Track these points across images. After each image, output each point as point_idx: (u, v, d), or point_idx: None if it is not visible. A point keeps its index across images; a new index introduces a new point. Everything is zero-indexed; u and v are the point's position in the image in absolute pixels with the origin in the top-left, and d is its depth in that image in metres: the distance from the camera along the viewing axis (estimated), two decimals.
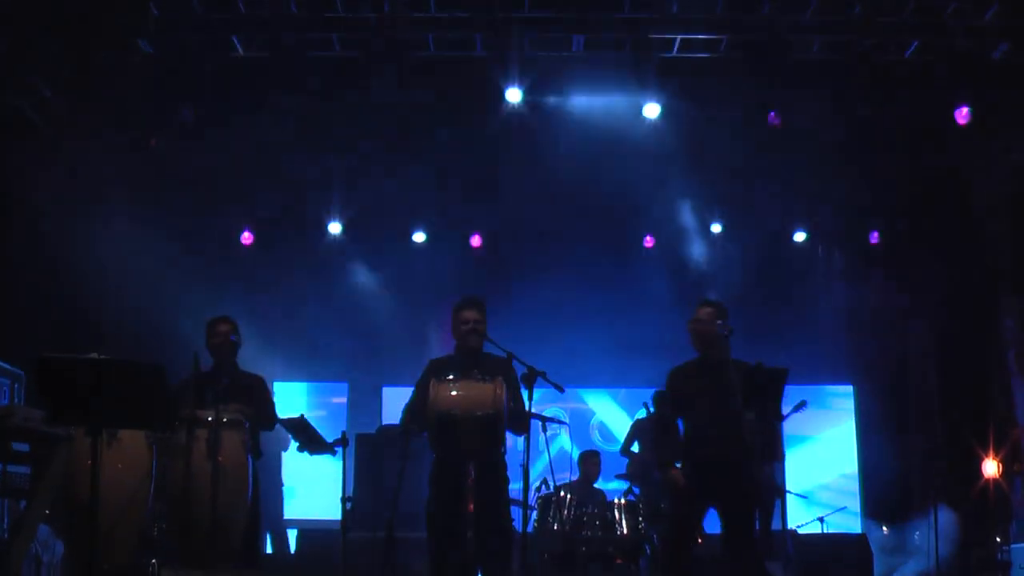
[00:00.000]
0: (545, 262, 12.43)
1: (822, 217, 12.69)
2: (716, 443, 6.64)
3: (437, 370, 6.51)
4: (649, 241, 12.90)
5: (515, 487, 6.66)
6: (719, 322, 6.78)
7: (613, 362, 12.64)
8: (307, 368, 12.81)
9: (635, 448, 10.84)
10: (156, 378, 5.28)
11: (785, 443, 10.53)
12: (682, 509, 6.85)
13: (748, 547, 6.69)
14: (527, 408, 6.43)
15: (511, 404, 6.35)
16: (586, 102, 10.64)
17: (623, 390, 13.54)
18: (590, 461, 9.93)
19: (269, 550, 10.72)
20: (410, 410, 6.62)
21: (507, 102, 9.98)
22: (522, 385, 6.42)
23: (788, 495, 10.21)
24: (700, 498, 6.74)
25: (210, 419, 6.31)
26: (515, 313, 9.99)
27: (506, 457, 6.51)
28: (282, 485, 11.47)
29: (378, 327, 12.52)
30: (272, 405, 7.48)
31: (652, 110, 10.24)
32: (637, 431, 10.97)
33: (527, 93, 9.98)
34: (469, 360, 6.53)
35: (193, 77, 9.99)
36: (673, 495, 6.93)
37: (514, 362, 6.41)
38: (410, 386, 6.71)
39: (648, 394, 10.80)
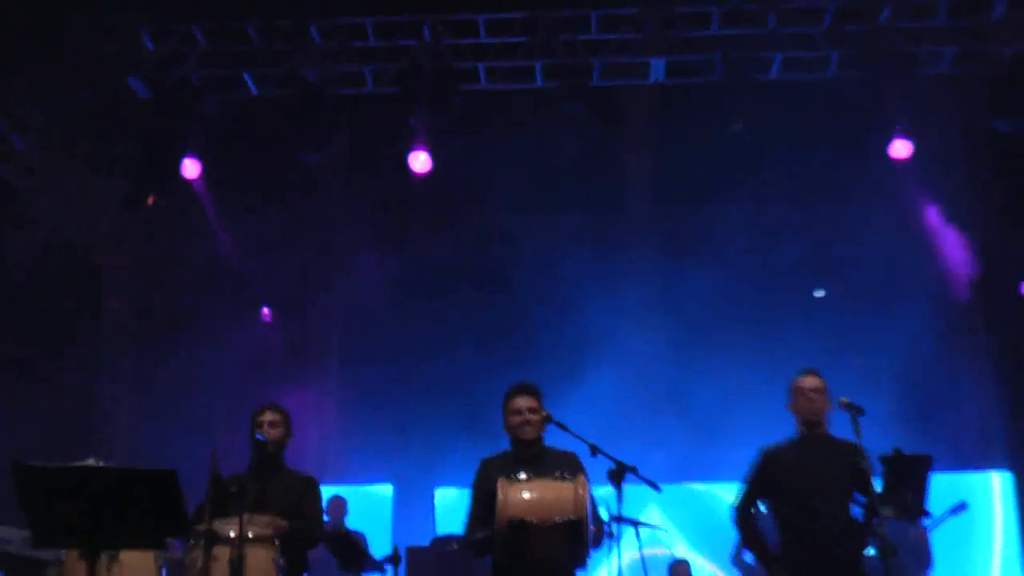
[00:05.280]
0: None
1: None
2: (822, 540, 6.51)
3: (491, 470, 6.33)
4: None
5: None
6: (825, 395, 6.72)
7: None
8: (343, 467, 12.66)
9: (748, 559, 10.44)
10: (167, 487, 5.11)
11: (932, 547, 10.25)
12: None
13: None
14: (616, 512, 6.29)
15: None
16: None
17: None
18: (682, 572, 10.23)
19: None
20: (473, 520, 6.41)
21: None
22: (610, 483, 6.26)
23: None
24: None
25: (232, 534, 6.09)
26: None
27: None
28: None
29: (428, 417, 12.36)
30: (320, 516, 7.20)
31: None
32: None
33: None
34: (526, 456, 6.34)
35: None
36: None
37: (597, 456, 6.22)
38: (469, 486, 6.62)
39: None
